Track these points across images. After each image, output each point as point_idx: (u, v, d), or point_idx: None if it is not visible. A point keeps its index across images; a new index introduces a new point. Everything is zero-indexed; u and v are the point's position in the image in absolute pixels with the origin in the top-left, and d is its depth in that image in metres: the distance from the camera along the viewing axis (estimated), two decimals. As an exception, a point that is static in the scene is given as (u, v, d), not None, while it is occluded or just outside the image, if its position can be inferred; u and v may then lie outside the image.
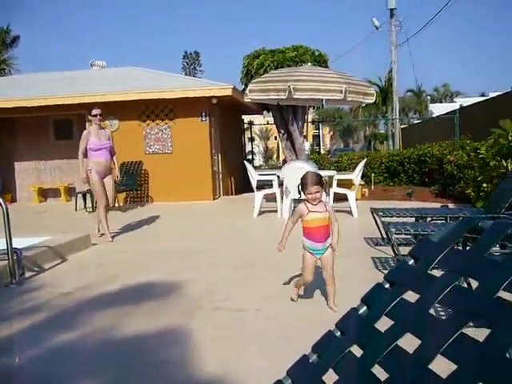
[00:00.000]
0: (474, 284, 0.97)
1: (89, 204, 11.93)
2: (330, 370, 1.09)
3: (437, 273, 1.08)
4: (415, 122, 33.01)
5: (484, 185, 9.17)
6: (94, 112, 7.84)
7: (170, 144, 13.36)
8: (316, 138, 59.91)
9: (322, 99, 10.60)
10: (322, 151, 46.98)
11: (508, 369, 0.73)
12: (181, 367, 3.25)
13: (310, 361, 1.15)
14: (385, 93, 33.55)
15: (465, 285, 1.81)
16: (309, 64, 11.08)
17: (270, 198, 10.26)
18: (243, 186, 16.58)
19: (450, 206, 9.86)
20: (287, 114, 13.96)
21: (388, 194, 13.18)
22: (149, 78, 14.92)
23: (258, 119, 30.88)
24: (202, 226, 9.27)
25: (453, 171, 11.86)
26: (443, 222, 6.57)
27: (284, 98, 9.35)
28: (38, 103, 13.14)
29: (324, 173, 10.04)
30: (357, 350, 1.08)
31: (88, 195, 12.09)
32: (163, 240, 7.98)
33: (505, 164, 8.54)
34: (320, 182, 4.05)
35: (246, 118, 20.81)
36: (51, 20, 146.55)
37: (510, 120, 9.06)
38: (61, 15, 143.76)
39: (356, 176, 10.07)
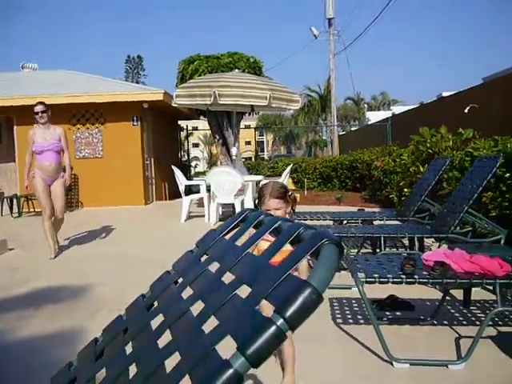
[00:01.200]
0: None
1: (15, 209, 11.66)
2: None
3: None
4: (352, 129, 33.87)
5: (405, 189, 9.51)
6: (36, 109, 6.89)
7: (101, 148, 13.21)
8: (260, 143, 60.46)
9: (252, 105, 10.75)
10: (265, 157, 47.37)
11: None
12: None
13: (97, 344, 1.23)
14: (324, 100, 34.23)
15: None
16: (236, 70, 11.21)
17: (202, 203, 10.32)
18: (178, 191, 16.56)
19: (376, 210, 10.18)
20: (222, 119, 14.06)
21: (320, 199, 13.45)
22: (81, 82, 14.70)
23: (202, 124, 30.79)
24: (128, 231, 9.23)
25: (379, 176, 12.24)
26: (357, 224, 6.81)
27: (209, 103, 9.44)
28: None
29: (251, 177, 10.21)
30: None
31: (15, 200, 11.82)
32: (85, 245, 7.90)
33: (422, 169, 8.90)
34: (284, 195, 2.94)
35: (188, 124, 20.76)
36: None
37: (429, 127, 9.46)
38: None
39: (282, 181, 10.24)
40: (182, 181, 9.97)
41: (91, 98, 12.56)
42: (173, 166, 10.32)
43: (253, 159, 27.98)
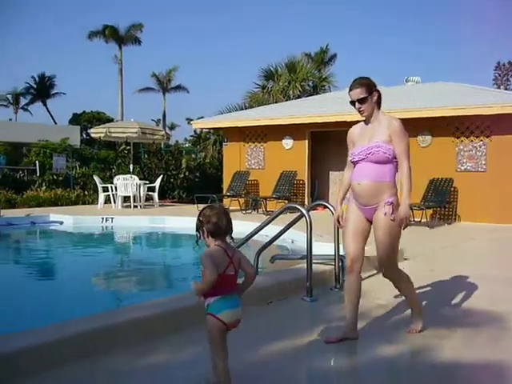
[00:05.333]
0: None
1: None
2: None
3: None
4: None
5: None
6: (351, 95, 4.00)
7: (484, 162, 12.73)
8: None
9: None
10: None
11: None
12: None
13: None
14: None
15: None
16: None
17: None
18: None
19: None
20: None
21: None
22: (459, 93, 14.62)
23: None
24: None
25: None
26: None
27: None
28: (350, 118, 13.93)
29: None
30: None
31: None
32: (472, 262, 7.64)
33: None
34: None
35: None
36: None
37: None
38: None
39: None
40: None
41: (478, 110, 12.20)
42: None
43: None
